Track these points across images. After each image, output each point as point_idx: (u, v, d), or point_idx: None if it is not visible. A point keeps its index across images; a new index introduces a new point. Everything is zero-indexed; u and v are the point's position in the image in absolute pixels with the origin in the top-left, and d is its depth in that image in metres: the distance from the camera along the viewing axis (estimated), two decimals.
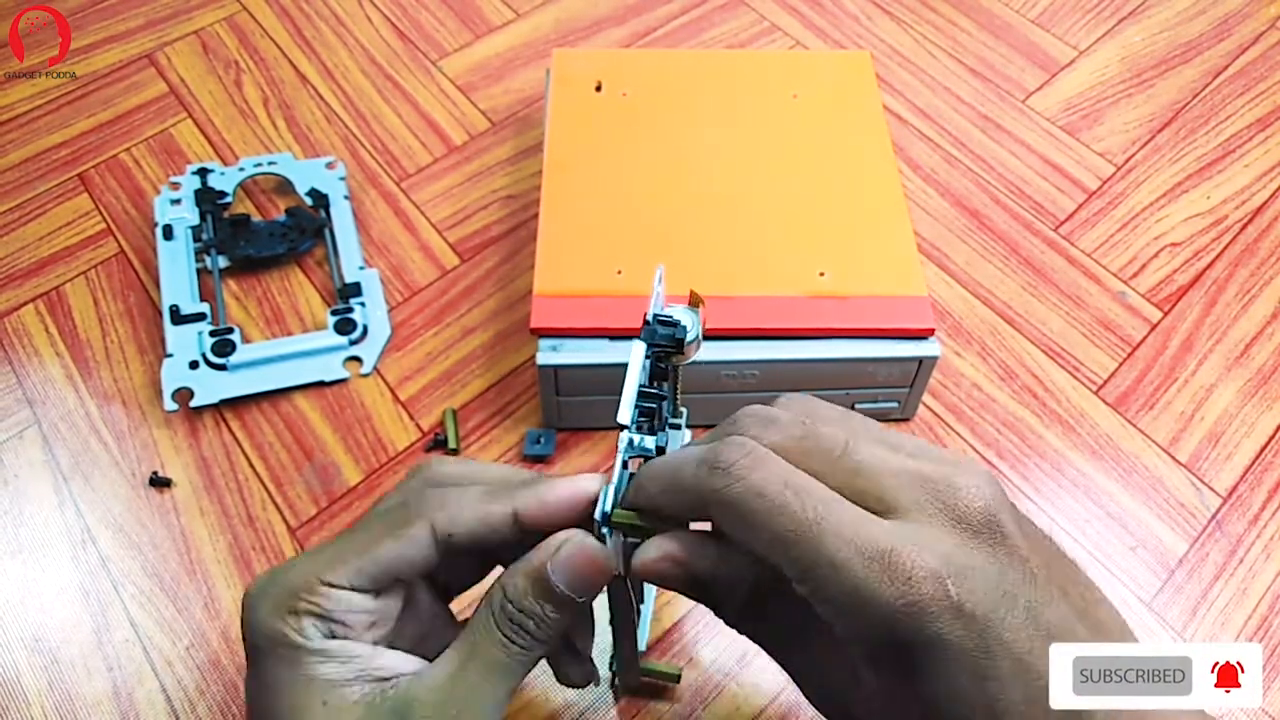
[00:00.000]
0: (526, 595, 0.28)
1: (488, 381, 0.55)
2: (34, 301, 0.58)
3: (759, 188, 0.54)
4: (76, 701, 0.44)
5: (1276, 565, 0.49)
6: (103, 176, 0.64)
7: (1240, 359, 0.56)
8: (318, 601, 0.28)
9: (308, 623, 0.27)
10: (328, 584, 0.28)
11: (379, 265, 0.59)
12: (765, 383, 0.49)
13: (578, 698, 0.44)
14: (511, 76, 0.70)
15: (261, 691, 0.28)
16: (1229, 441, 0.53)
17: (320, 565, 0.28)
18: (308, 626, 0.27)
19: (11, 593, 0.47)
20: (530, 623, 0.28)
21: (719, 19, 0.74)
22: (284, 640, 0.27)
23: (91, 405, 0.54)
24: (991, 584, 0.24)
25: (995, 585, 0.24)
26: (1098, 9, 0.75)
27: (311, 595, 0.28)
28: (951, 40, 0.73)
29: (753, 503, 0.25)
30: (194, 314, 0.56)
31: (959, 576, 0.24)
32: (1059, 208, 0.63)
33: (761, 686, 0.44)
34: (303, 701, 0.27)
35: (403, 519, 0.29)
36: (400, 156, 0.65)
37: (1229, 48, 0.72)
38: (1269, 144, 0.66)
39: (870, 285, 0.49)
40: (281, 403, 0.54)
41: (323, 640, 0.28)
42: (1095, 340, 0.57)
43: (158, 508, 0.50)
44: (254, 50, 0.72)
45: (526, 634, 0.28)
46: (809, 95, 0.58)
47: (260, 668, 0.28)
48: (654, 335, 0.31)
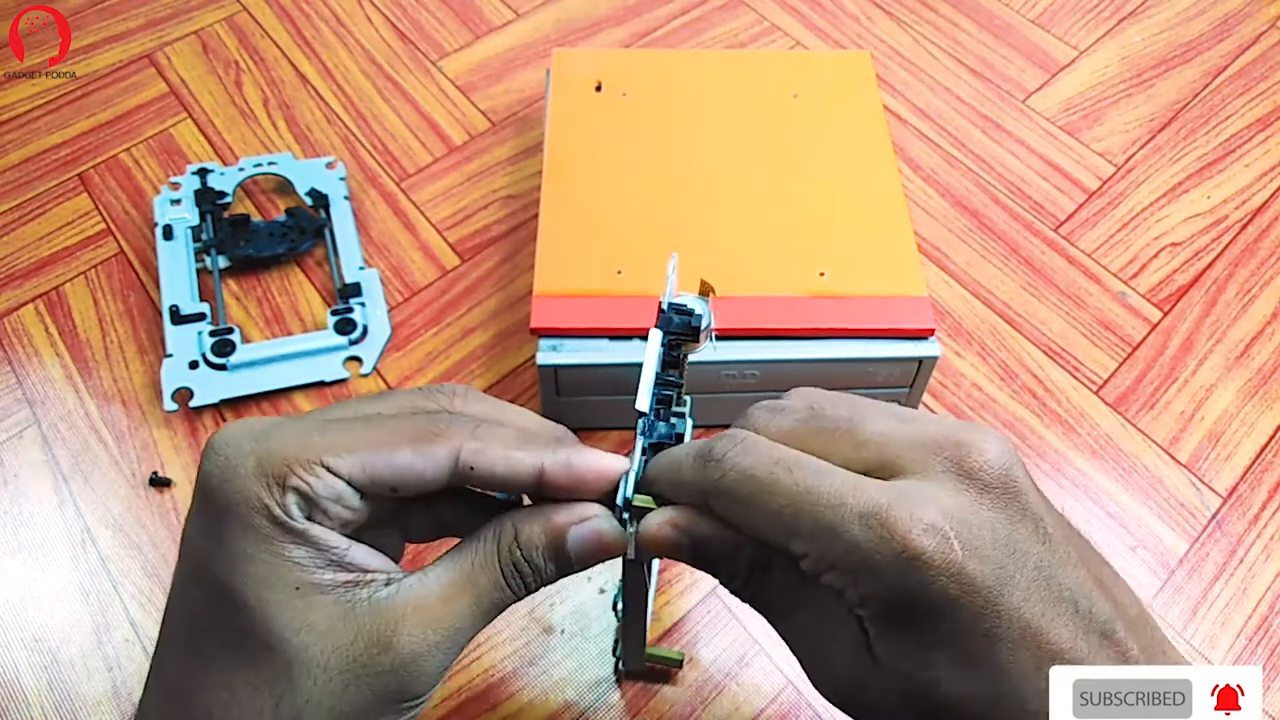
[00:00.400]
0: (536, 549, 0.27)
1: (488, 381, 0.55)
2: (34, 301, 0.58)
3: (759, 188, 0.54)
4: (76, 701, 0.44)
5: (1276, 565, 0.49)
6: (103, 176, 0.64)
7: (1240, 359, 0.56)
8: (310, 482, 0.25)
9: (292, 499, 0.25)
10: (327, 466, 0.25)
11: (379, 265, 0.59)
12: (765, 383, 0.49)
13: (578, 697, 0.44)
14: (511, 76, 0.70)
15: (219, 555, 0.25)
16: (1229, 441, 0.53)
17: (322, 443, 0.26)
18: (292, 504, 0.25)
19: (11, 593, 0.47)
20: (530, 575, 0.28)
21: (719, 19, 0.74)
22: (263, 510, 0.25)
23: (91, 405, 0.54)
24: (1000, 540, 0.23)
25: (1004, 541, 0.23)
26: (1098, 9, 0.75)
27: (306, 473, 0.25)
28: (951, 40, 0.73)
29: (745, 486, 0.25)
30: (194, 314, 0.56)
31: (962, 531, 0.23)
32: (1059, 208, 0.63)
33: (761, 687, 0.44)
34: (273, 581, 0.25)
35: (428, 432, 0.27)
36: (400, 156, 0.65)
37: (1229, 48, 0.72)
38: (1269, 144, 0.66)
39: (870, 285, 0.49)
40: (281, 403, 0.54)
41: (304, 522, 0.25)
42: (1095, 340, 0.57)
43: (157, 508, 0.50)
44: (254, 50, 0.72)
45: (521, 582, 0.28)
46: (809, 95, 0.58)
47: (224, 530, 0.25)
48: (670, 323, 0.31)
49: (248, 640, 0.25)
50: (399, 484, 0.26)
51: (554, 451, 0.28)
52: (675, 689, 0.44)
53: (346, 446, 0.26)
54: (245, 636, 0.25)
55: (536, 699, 0.44)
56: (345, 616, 0.25)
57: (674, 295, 0.32)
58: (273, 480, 0.25)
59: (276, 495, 0.25)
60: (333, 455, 0.25)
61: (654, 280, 0.49)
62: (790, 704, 0.44)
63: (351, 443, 0.26)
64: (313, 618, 0.25)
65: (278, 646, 0.25)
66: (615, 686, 0.44)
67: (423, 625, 0.26)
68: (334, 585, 0.25)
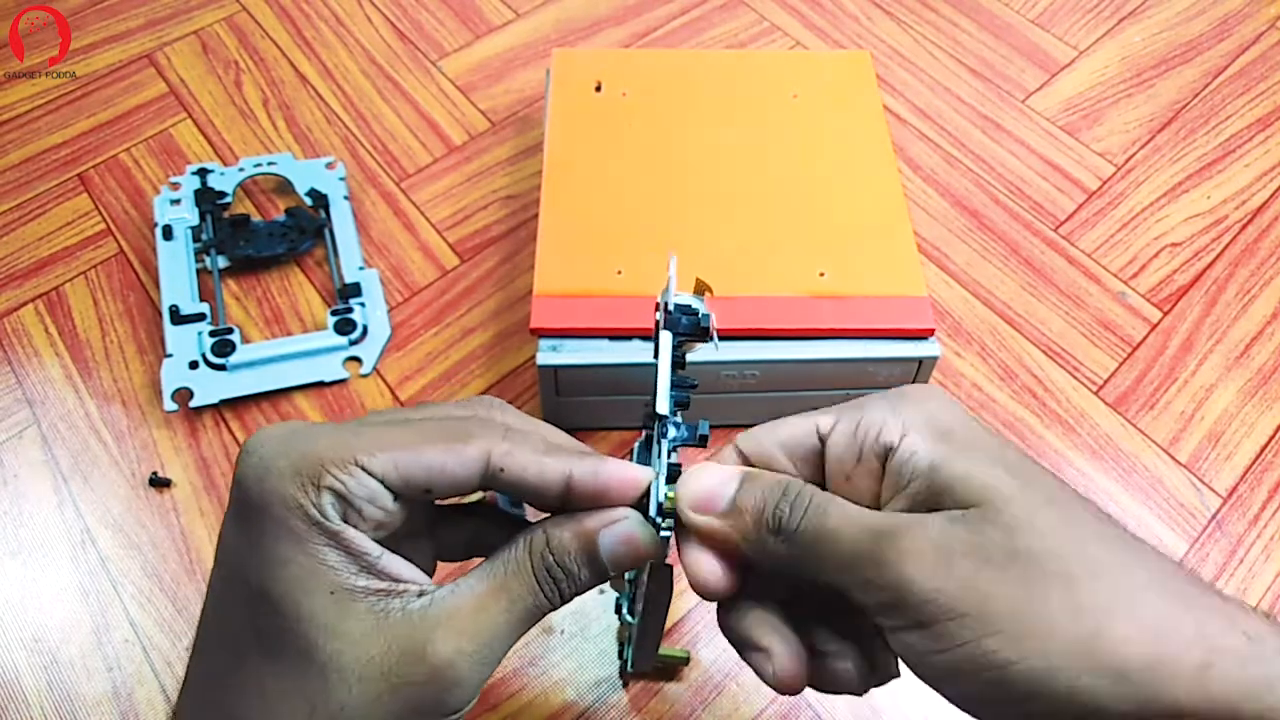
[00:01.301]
0: (568, 554, 0.27)
1: (488, 381, 0.55)
2: (34, 301, 0.58)
3: (759, 188, 0.54)
4: (76, 701, 0.44)
5: (1276, 565, 0.49)
6: (102, 176, 0.64)
7: (1240, 359, 0.56)
8: (345, 481, 0.25)
9: (328, 499, 0.25)
10: (361, 466, 0.25)
11: (379, 265, 0.59)
12: (765, 383, 0.49)
13: (578, 697, 0.44)
14: (511, 76, 0.70)
15: (255, 558, 0.25)
16: (1229, 441, 0.53)
17: (356, 443, 0.25)
18: (327, 504, 0.25)
19: (11, 593, 0.47)
20: (565, 581, 0.27)
21: (719, 19, 0.74)
22: (299, 512, 0.25)
23: (91, 405, 0.54)
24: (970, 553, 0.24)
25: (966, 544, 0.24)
26: (1098, 9, 0.75)
27: (341, 472, 0.25)
28: (951, 40, 0.73)
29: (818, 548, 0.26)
30: (194, 314, 0.55)
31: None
32: (1059, 208, 0.63)
33: (762, 687, 0.44)
34: (309, 585, 0.25)
35: (461, 432, 0.27)
36: (400, 156, 0.65)
37: (1229, 48, 0.72)
38: (1269, 144, 0.66)
39: (870, 285, 0.49)
40: (281, 403, 0.54)
41: (339, 523, 0.25)
42: (1095, 340, 0.57)
43: (157, 508, 0.50)
44: (254, 50, 0.72)
45: (555, 589, 0.27)
46: (809, 95, 0.58)
47: (259, 533, 0.25)
48: (679, 324, 0.31)
49: (283, 644, 0.25)
50: (431, 483, 0.26)
51: (581, 460, 0.28)
52: (676, 689, 0.44)
53: (380, 446, 0.26)
54: (280, 640, 0.25)
55: (537, 699, 0.44)
56: (378, 625, 0.25)
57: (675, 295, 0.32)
58: (308, 480, 0.25)
59: (312, 495, 0.25)
60: (366, 454, 0.25)
61: (654, 280, 0.49)
62: (790, 704, 0.44)
63: (385, 443, 0.26)
64: (347, 624, 0.25)
65: (312, 652, 0.25)
66: (616, 687, 0.44)
67: (456, 636, 0.25)
68: (367, 593, 0.25)
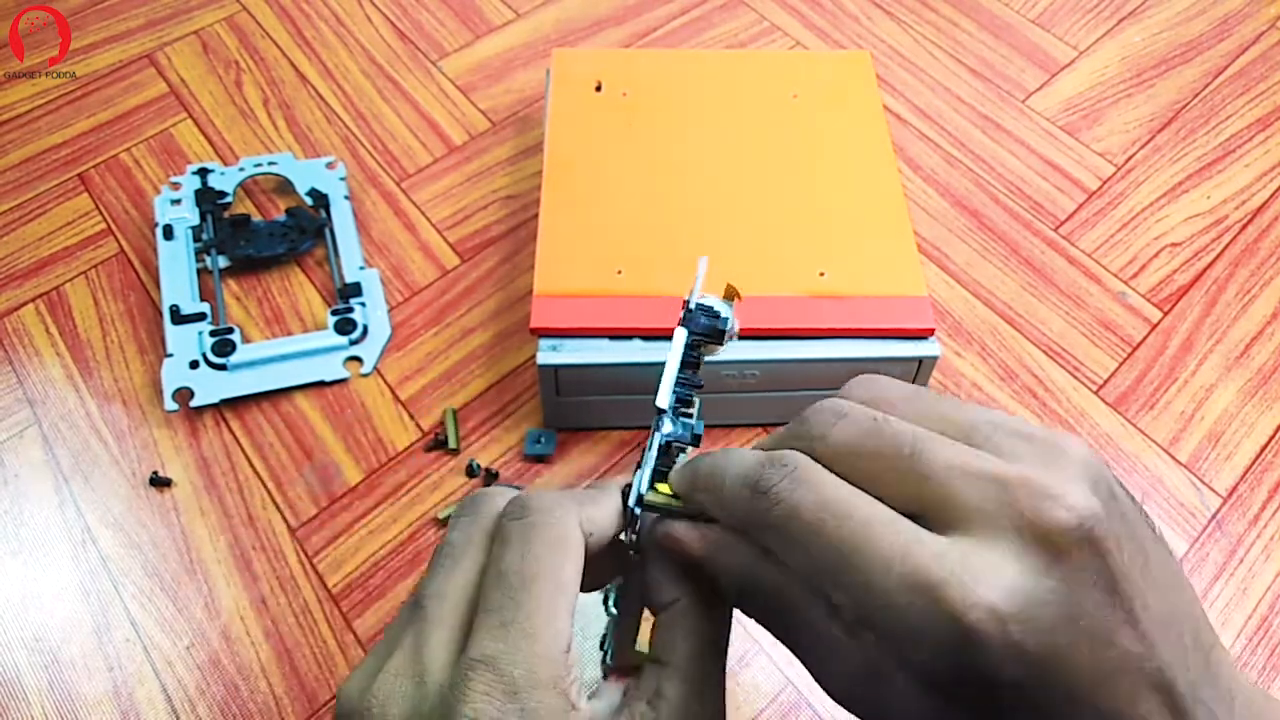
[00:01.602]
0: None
1: (488, 381, 0.55)
2: (34, 301, 0.58)
3: (759, 188, 0.54)
4: (76, 701, 0.44)
5: (1276, 565, 0.49)
6: (103, 176, 0.64)
7: (1240, 359, 0.56)
8: (574, 674, 0.25)
9: (574, 690, 0.25)
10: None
11: (379, 265, 0.59)
12: (765, 383, 0.49)
13: None
14: (511, 76, 0.70)
15: None
16: (1229, 441, 0.53)
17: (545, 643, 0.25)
18: (574, 693, 0.25)
19: (11, 593, 0.47)
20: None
21: (719, 19, 0.74)
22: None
23: (92, 405, 0.54)
24: (1071, 615, 0.21)
25: (1075, 616, 0.21)
26: (1098, 9, 0.75)
27: (568, 674, 0.25)
28: (951, 40, 0.73)
29: (789, 526, 0.23)
30: (194, 314, 0.56)
31: (1022, 612, 0.20)
32: (1059, 208, 0.63)
33: (761, 686, 0.44)
34: None
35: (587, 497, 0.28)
36: (400, 156, 0.65)
37: (1229, 48, 0.72)
38: (1269, 144, 0.66)
39: (870, 285, 0.49)
40: (282, 402, 0.54)
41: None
42: (1095, 340, 0.57)
43: (158, 507, 0.50)
44: (254, 50, 0.72)
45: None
46: (809, 95, 0.58)
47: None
48: (697, 323, 0.31)
49: None
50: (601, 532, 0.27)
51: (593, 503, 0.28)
52: None
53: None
54: None
55: None
56: None
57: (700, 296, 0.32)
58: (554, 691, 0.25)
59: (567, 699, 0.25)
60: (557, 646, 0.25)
61: (654, 280, 0.49)
62: (790, 704, 0.44)
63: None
64: None
65: None
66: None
67: None
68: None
